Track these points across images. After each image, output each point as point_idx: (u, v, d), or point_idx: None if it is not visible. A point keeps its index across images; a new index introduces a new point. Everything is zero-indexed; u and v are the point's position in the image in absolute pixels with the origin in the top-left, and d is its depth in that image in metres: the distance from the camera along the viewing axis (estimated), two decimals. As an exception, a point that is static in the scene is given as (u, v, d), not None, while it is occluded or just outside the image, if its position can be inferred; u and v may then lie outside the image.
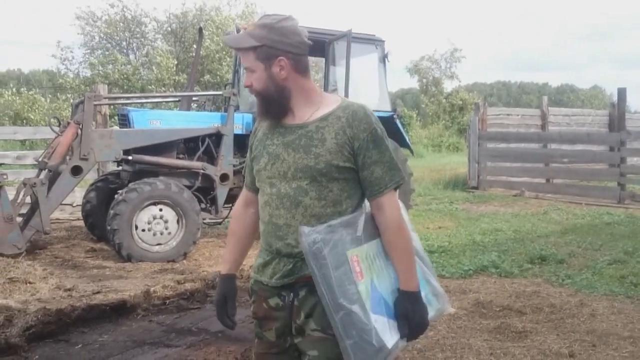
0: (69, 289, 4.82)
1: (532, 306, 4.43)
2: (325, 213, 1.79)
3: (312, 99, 1.86)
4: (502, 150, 12.38)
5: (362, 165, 1.79)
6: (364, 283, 1.73)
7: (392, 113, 7.53)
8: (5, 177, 5.84)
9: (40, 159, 6.13)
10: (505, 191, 11.66)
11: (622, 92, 14.55)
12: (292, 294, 1.82)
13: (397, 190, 1.84)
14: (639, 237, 6.95)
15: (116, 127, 7.32)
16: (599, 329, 3.97)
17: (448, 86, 28.92)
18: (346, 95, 6.71)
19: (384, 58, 7.62)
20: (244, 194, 2.07)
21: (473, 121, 12.49)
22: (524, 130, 13.34)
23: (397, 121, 7.62)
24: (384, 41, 7.61)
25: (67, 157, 6.15)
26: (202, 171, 6.61)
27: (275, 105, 1.84)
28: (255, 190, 1.97)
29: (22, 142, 13.44)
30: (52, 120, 6.56)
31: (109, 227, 5.95)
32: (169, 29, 22.97)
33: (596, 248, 6.50)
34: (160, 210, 6.14)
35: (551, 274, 5.43)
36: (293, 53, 1.80)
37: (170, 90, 19.20)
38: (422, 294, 1.84)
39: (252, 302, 1.96)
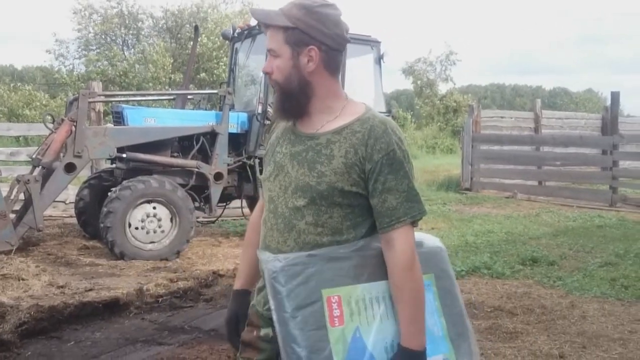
0: (62, 286, 4.82)
1: (523, 307, 4.46)
2: (321, 242, 1.55)
3: (332, 106, 1.60)
4: (496, 153, 12.43)
5: (372, 192, 1.54)
6: (340, 330, 1.46)
7: (387, 114, 7.56)
8: (-2, 173, 5.82)
9: (34, 156, 6.12)
10: (498, 193, 11.70)
11: (615, 96, 14.62)
12: None
13: (414, 226, 1.58)
14: (630, 240, 7.00)
15: (110, 125, 7.30)
16: (590, 330, 4.01)
17: (442, 88, 28.95)
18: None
19: (379, 59, 7.63)
20: (260, 202, 1.82)
21: (467, 123, 12.54)
22: (518, 133, 13.40)
23: None
24: (379, 42, 7.62)
25: (61, 154, 6.13)
26: (196, 170, 6.61)
27: (293, 103, 1.59)
28: None
29: (16, 138, 13.40)
30: (46, 117, 6.55)
31: (102, 225, 5.93)
32: (165, 26, 22.90)
33: (587, 250, 6.54)
34: (154, 208, 6.12)
35: (542, 276, 5.47)
36: (327, 46, 1.55)
37: (166, 88, 19.15)
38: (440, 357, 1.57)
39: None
